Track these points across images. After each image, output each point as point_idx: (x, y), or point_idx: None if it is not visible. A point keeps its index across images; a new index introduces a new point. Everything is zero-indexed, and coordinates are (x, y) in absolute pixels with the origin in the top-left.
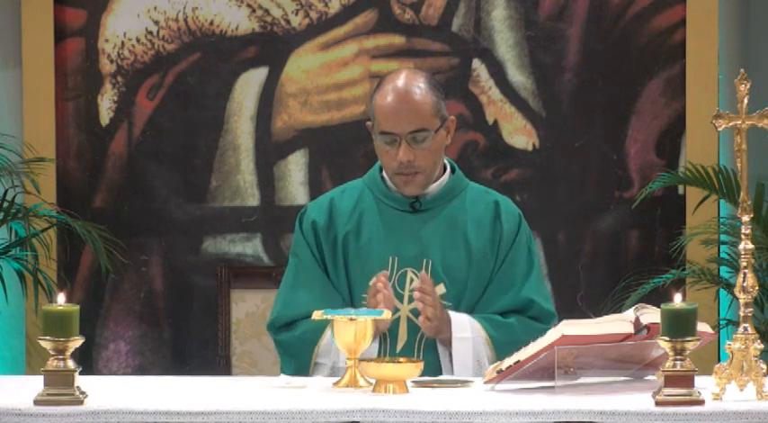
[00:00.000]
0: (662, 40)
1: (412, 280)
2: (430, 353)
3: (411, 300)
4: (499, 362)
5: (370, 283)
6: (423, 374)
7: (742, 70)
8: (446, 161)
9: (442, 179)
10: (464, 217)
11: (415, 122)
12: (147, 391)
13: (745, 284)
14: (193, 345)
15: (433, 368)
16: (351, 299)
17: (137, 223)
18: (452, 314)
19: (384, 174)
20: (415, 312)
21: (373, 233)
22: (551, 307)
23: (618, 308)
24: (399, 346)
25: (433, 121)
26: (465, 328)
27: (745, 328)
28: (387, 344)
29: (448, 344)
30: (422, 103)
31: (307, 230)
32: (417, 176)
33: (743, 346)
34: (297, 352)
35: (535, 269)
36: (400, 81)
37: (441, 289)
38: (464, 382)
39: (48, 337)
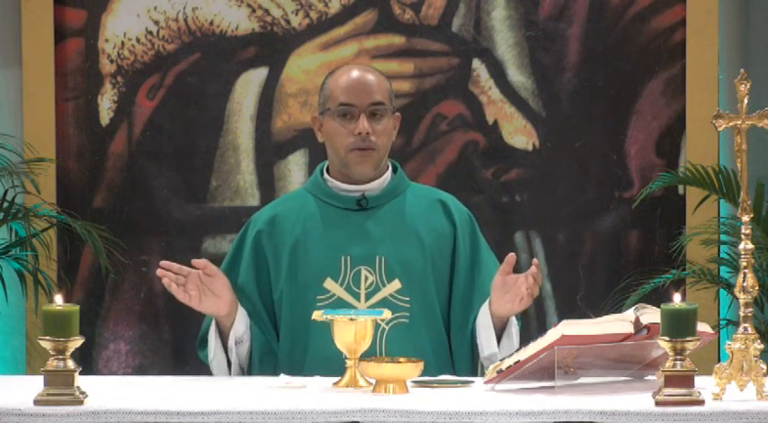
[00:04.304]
0: (662, 40)
1: (366, 278)
2: (392, 349)
3: (368, 297)
4: (499, 362)
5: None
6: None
7: (742, 70)
8: (389, 161)
9: (386, 176)
10: (411, 212)
11: (373, 96)
12: (147, 391)
13: (745, 284)
14: (193, 345)
15: None
16: (304, 304)
17: (137, 223)
18: None
19: (326, 175)
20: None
21: (320, 236)
22: None
23: (618, 308)
24: None
25: (388, 102)
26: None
27: (745, 328)
28: None
29: (499, 323)
30: (378, 81)
31: (249, 244)
32: (372, 154)
33: (743, 346)
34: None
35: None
36: (355, 66)
37: (396, 285)
38: (464, 383)
39: (48, 337)
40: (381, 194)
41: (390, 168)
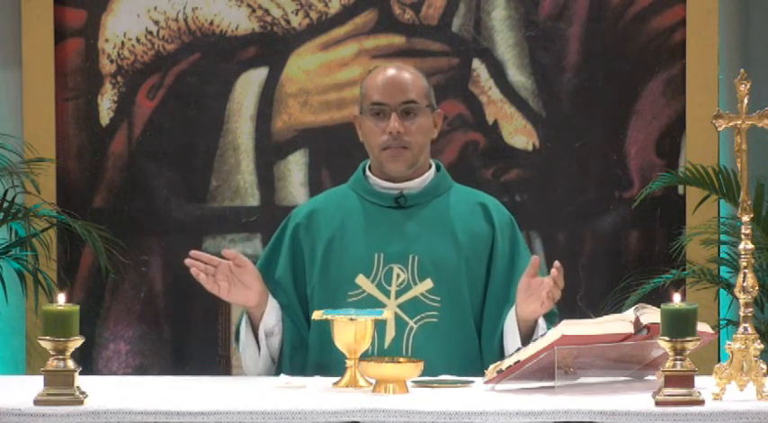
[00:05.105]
0: (662, 40)
1: (398, 276)
2: (419, 348)
3: (398, 295)
4: (499, 362)
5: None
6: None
7: (742, 70)
8: (432, 161)
9: (427, 175)
10: (450, 213)
11: (406, 94)
12: (147, 391)
13: (745, 284)
14: (193, 345)
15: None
16: (334, 299)
17: (137, 223)
18: None
19: (368, 173)
20: (403, 308)
21: (357, 232)
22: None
23: (618, 308)
24: (387, 342)
25: (423, 100)
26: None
27: (745, 328)
28: (375, 339)
29: (526, 326)
30: (413, 79)
31: (287, 237)
32: (405, 152)
33: (743, 346)
34: (245, 362)
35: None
36: (392, 65)
37: (428, 284)
38: (464, 383)
39: (48, 337)
40: (421, 193)
41: (433, 167)
